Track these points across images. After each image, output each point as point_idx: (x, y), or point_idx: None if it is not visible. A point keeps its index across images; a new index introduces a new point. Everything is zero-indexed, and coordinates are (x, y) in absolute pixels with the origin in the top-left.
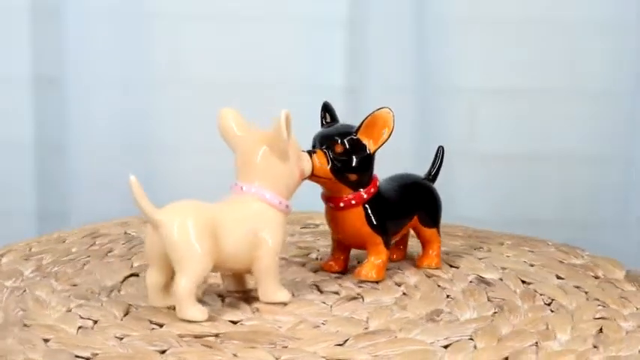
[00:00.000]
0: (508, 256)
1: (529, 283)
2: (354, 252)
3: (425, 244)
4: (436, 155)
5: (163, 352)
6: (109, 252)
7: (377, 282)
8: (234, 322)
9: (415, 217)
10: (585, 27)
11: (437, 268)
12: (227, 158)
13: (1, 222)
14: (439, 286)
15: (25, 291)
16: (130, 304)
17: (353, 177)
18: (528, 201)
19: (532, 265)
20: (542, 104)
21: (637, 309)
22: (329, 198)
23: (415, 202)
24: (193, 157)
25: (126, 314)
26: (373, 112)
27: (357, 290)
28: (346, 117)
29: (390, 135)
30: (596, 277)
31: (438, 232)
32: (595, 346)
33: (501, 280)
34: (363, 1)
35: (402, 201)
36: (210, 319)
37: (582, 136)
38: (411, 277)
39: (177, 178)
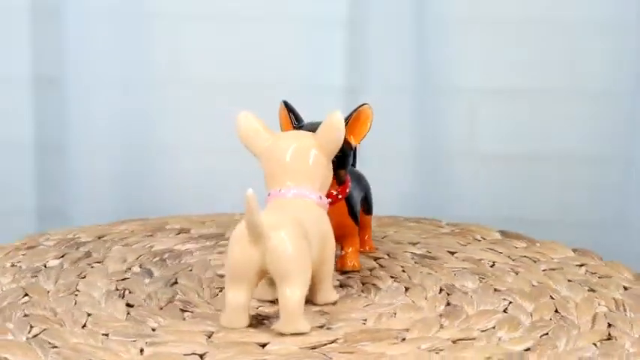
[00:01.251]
0: (394, 233)
1: (454, 252)
2: None
3: (361, 230)
4: None
5: None
6: (38, 284)
7: (358, 271)
8: (320, 327)
9: None
10: (585, 27)
11: (372, 252)
12: (227, 158)
13: (1, 222)
14: (402, 267)
15: (50, 342)
16: (201, 331)
17: (343, 172)
18: (528, 201)
19: (425, 238)
20: (542, 104)
21: (552, 258)
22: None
23: (362, 192)
24: (193, 157)
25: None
26: (357, 109)
27: (352, 280)
28: None
29: (368, 130)
30: (479, 240)
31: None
32: (592, 290)
33: (430, 252)
34: (363, 1)
35: (359, 191)
36: None
37: (582, 136)
38: (365, 262)
39: (177, 178)
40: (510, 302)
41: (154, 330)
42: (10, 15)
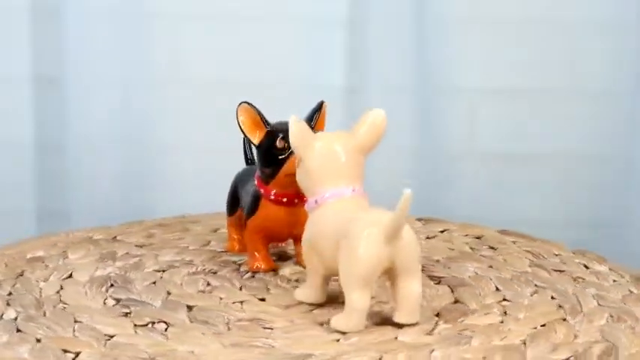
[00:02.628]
0: None
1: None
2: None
3: None
4: None
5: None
6: (53, 336)
7: None
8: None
9: None
10: (585, 27)
11: None
12: (226, 158)
13: (1, 222)
14: None
15: None
16: (333, 340)
17: None
18: (528, 201)
19: None
20: (542, 104)
21: (442, 231)
22: (300, 196)
23: None
24: (193, 157)
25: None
26: (320, 105)
27: None
28: (346, 117)
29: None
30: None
31: None
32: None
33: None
34: (363, 1)
35: None
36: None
37: (582, 136)
38: None
39: (178, 178)
40: (486, 275)
41: (270, 343)
42: (10, 15)
